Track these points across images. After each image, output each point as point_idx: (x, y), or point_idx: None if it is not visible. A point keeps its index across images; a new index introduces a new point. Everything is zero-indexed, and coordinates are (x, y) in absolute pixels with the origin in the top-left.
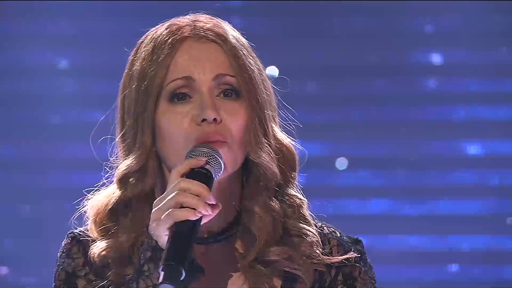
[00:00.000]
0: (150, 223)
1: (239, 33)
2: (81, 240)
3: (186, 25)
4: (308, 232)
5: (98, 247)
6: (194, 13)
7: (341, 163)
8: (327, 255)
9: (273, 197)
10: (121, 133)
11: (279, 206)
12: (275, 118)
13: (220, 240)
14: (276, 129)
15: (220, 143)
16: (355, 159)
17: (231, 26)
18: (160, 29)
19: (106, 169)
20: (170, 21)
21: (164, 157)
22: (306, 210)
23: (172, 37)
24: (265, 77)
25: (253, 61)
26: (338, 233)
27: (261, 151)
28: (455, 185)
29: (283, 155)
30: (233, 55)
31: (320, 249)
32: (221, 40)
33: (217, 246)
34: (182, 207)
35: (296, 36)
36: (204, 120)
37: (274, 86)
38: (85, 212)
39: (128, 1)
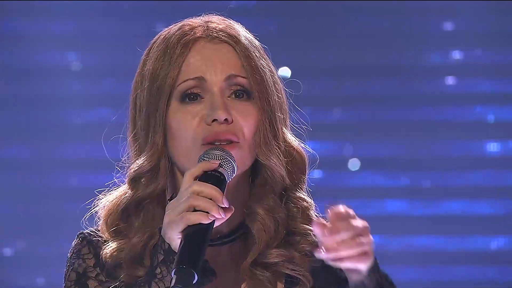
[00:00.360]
0: (163, 226)
1: (251, 35)
2: (91, 240)
3: (199, 25)
4: (310, 232)
5: (111, 247)
6: (207, 14)
7: (353, 164)
8: None
9: (278, 200)
10: (133, 132)
11: (284, 208)
12: (286, 121)
13: (227, 242)
14: (287, 132)
15: (230, 145)
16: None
17: (244, 28)
18: (172, 29)
19: (117, 169)
20: (183, 22)
21: (174, 157)
22: (313, 213)
23: (185, 37)
24: (277, 79)
25: (265, 63)
26: None
27: (270, 153)
28: (471, 186)
29: (293, 158)
30: (245, 56)
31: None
32: (234, 41)
33: (224, 248)
34: (195, 210)
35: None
36: (214, 120)
37: (286, 88)
38: (96, 213)
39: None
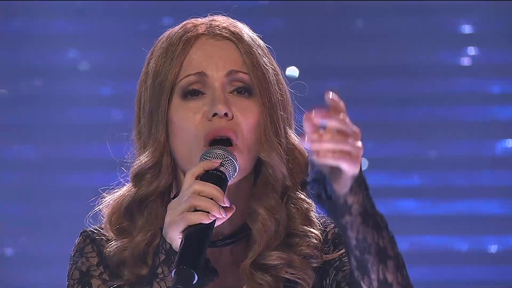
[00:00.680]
0: (165, 225)
1: (256, 34)
2: (95, 239)
3: (202, 23)
4: (310, 234)
5: (114, 246)
6: (212, 14)
7: (361, 164)
8: (326, 253)
9: (280, 200)
10: (137, 130)
11: (285, 209)
12: (290, 122)
13: (228, 243)
14: (290, 132)
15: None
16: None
17: (248, 27)
18: (176, 28)
19: (122, 169)
20: (187, 20)
21: (177, 154)
22: (313, 214)
23: (187, 34)
24: (281, 79)
25: (268, 61)
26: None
27: (271, 150)
28: (480, 185)
29: (295, 158)
30: (247, 53)
31: (320, 250)
32: (236, 38)
33: (226, 249)
34: (196, 210)
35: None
36: (215, 114)
37: (291, 90)
38: (100, 211)
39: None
